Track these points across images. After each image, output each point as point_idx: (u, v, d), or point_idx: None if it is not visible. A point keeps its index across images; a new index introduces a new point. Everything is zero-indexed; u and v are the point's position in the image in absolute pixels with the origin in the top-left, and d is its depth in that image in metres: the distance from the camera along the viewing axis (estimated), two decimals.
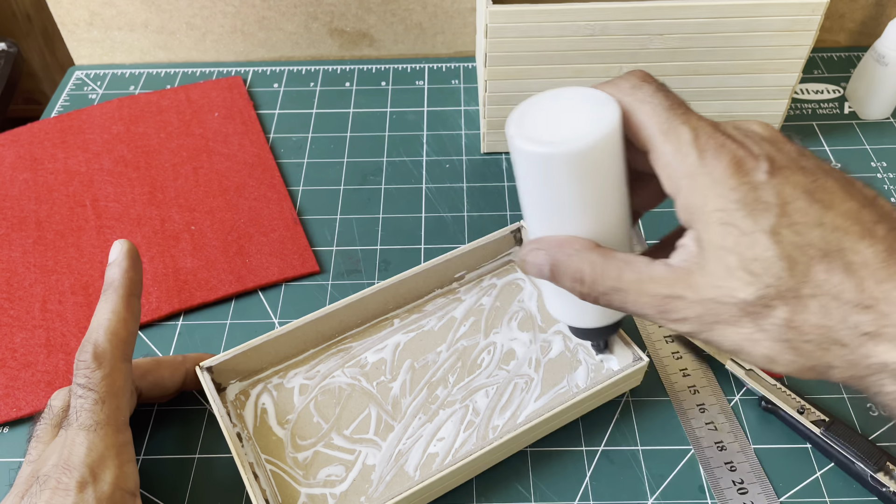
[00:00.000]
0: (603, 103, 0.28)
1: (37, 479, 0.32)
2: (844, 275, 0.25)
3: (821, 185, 0.26)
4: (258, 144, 0.57)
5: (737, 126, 0.29)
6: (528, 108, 0.30)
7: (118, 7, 0.63)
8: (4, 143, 0.58)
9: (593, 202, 0.29)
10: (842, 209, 0.26)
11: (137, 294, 0.37)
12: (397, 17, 0.65)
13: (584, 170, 0.28)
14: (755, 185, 0.26)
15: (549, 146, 0.28)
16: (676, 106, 0.28)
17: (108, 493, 0.32)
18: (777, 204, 0.26)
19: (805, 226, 0.26)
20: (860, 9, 0.64)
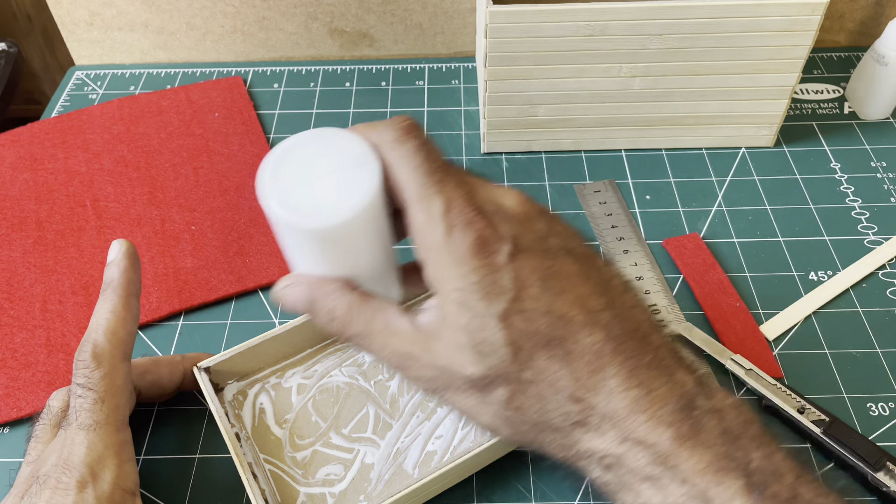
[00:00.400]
0: (364, 163, 0.27)
1: (36, 479, 0.32)
2: (562, 364, 0.26)
3: (558, 270, 0.27)
4: (258, 144, 0.57)
5: (492, 198, 0.28)
6: (283, 157, 0.27)
7: (118, 7, 0.63)
8: (5, 143, 0.58)
9: (353, 259, 0.29)
10: (572, 295, 0.27)
11: (136, 294, 0.37)
12: (397, 18, 0.65)
13: (341, 238, 0.27)
14: (494, 268, 0.26)
15: (304, 217, 0.26)
16: (435, 171, 0.27)
17: (107, 493, 0.32)
18: (512, 289, 0.26)
19: (534, 312, 0.26)
20: (860, 9, 0.64)
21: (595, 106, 0.53)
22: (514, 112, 0.53)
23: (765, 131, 0.55)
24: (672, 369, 0.26)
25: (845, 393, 0.42)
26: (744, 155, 0.56)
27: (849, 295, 0.47)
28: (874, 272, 0.48)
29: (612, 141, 0.56)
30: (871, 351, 0.43)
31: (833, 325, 0.45)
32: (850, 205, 0.52)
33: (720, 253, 0.49)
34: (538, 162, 0.56)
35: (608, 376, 0.26)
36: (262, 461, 0.39)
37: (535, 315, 0.26)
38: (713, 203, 0.52)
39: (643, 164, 0.55)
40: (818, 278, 0.47)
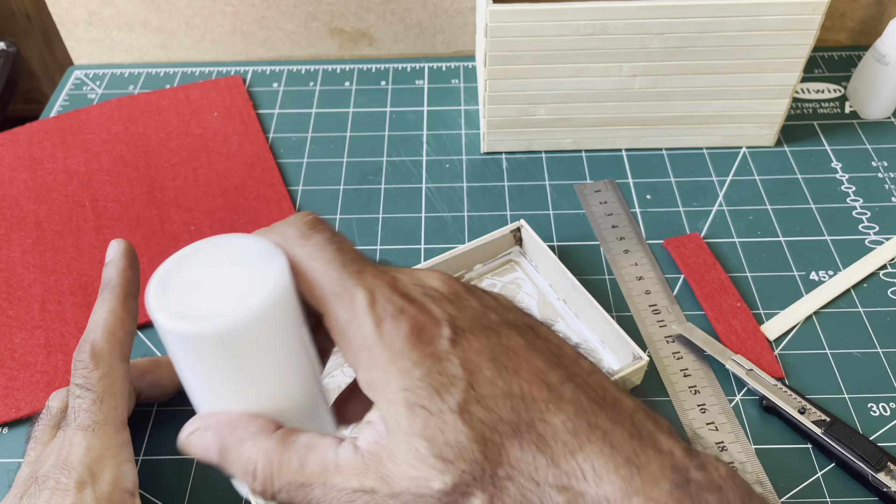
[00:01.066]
0: (267, 259, 0.24)
1: (35, 480, 0.32)
2: (537, 450, 0.23)
3: (506, 347, 0.24)
4: (258, 144, 0.57)
5: (417, 282, 0.25)
6: (175, 267, 0.24)
7: (117, 7, 0.63)
8: (3, 142, 0.57)
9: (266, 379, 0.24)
10: (528, 372, 0.24)
11: (135, 294, 0.37)
12: (397, 17, 0.64)
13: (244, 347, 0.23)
14: (438, 357, 0.23)
15: (194, 323, 0.22)
16: (350, 262, 0.25)
17: (106, 493, 0.32)
18: (463, 377, 0.23)
19: (494, 399, 0.23)
20: (861, 8, 0.63)
21: (595, 105, 0.53)
22: (513, 111, 0.53)
23: (766, 131, 0.55)
24: (654, 437, 0.24)
25: (846, 393, 0.41)
26: (744, 154, 0.56)
27: (850, 295, 0.46)
28: (875, 272, 0.48)
29: (613, 140, 0.56)
30: (872, 351, 0.43)
31: (834, 326, 0.45)
32: (851, 204, 0.52)
33: (721, 253, 0.49)
34: (538, 161, 0.56)
35: (590, 455, 0.23)
36: None
37: (496, 400, 0.23)
38: (714, 203, 0.52)
39: (644, 163, 0.55)
40: (819, 278, 0.47)
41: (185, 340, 0.23)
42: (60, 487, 0.31)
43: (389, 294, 0.24)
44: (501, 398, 0.23)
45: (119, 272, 0.36)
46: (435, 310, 0.24)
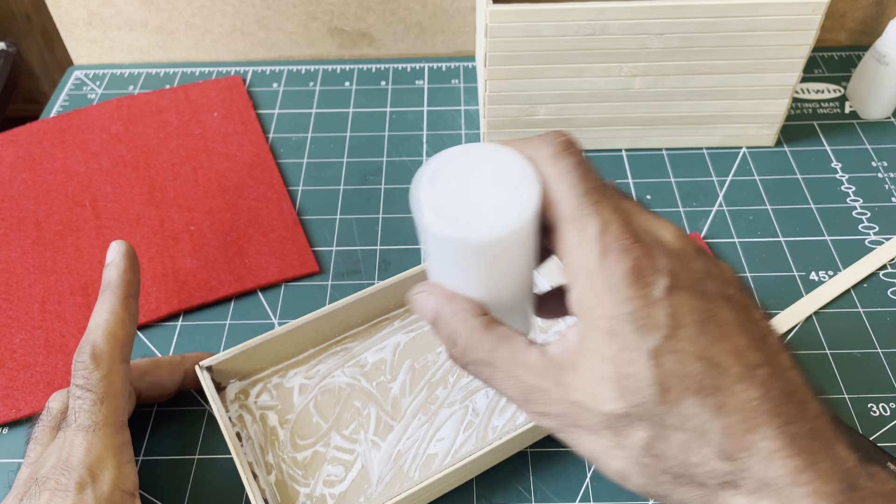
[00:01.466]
0: (524, 180, 0.26)
1: (35, 481, 0.32)
2: (713, 415, 0.24)
3: (715, 315, 0.25)
4: (258, 144, 0.57)
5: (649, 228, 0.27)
6: (441, 168, 0.27)
7: (117, 7, 0.63)
8: (3, 142, 0.57)
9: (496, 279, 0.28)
10: (729, 344, 0.25)
11: (135, 295, 0.37)
12: (397, 17, 0.64)
13: (493, 255, 0.26)
14: (650, 301, 0.25)
15: (460, 230, 0.25)
16: (592, 191, 0.26)
17: (107, 494, 0.32)
18: (667, 325, 0.25)
19: (688, 355, 0.24)
20: (861, 8, 0.63)
21: (595, 106, 0.53)
22: (513, 112, 0.53)
23: (766, 131, 0.55)
24: (832, 443, 0.24)
25: (846, 393, 0.42)
26: (744, 155, 0.56)
27: (850, 295, 0.46)
28: (875, 272, 0.48)
29: (613, 141, 0.56)
30: (872, 351, 0.43)
31: (834, 326, 0.45)
32: (851, 205, 0.52)
33: (721, 253, 0.49)
34: None
35: (765, 437, 0.24)
36: (263, 461, 0.39)
37: (689, 358, 0.24)
38: (714, 203, 0.52)
39: (644, 163, 0.55)
40: (819, 278, 0.47)
41: (444, 240, 0.26)
42: (61, 488, 0.31)
43: (620, 230, 0.25)
44: (695, 358, 0.24)
45: (119, 273, 0.36)
46: (660, 259, 0.25)
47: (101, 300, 0.36)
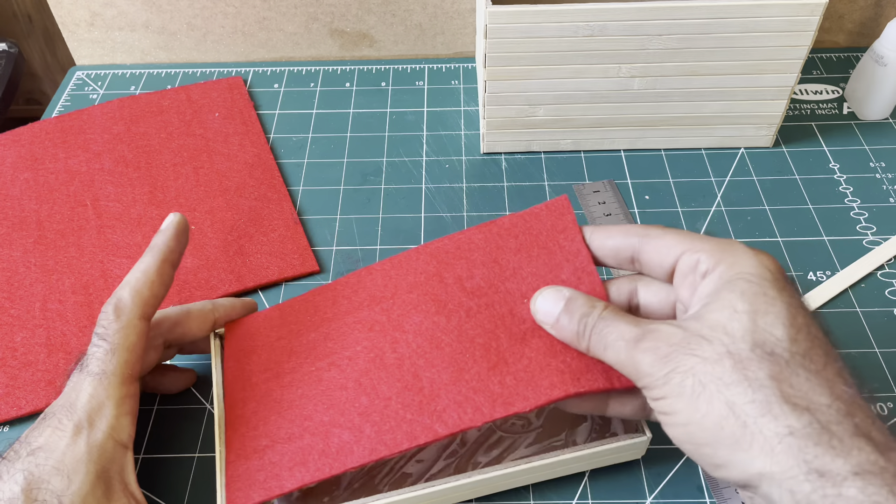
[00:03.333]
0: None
1: (44, 416, 0.34)
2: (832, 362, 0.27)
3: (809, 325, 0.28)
4: (258, 144, 0.58)
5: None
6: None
7: (119, 7, 0.64)
8: (5, 143, 0.58)
9: None
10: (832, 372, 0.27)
11: (172, 262, 0.38)
12: (397, 18, 0.65)
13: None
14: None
15: None
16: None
17: (99, 441, 0.33)
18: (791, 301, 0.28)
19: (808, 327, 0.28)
20: (859, 9, 0.64)
21: (594, 106, 0.53)
22: (513, 112, 0.54)
23: (764, 132, 0.55)
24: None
25: None
26: (743, 155, 0.56)
27: (847, 295, 0.47)
28: (873, 272, 0.48)
29: (612, 141, 0.56)
30: (869, 351, 0.44)
31: (832, 326, 0.45)
32: (848, 205, 0.52)
33: None
34: (537, 162, 0.56)
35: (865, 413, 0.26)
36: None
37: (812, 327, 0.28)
38: (712, 203, 0.53)
39: (642, 164, 0.55)
40: (817, 278, 0.48)
41: None
42: (60, 428, 0.33)
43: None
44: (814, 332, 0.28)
45: (164, 240, 0.39)
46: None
47: (141, 260, 0.38)
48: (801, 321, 0.28)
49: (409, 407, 0.34)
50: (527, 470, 0.36)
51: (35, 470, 0.31)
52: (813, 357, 0.27)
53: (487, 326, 0.35)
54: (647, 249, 0.33)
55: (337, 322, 0.39)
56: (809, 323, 0.28)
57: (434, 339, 0.36)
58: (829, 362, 0.27)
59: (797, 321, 0.28)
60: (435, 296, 0.37)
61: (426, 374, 0.35)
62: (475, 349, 0.35)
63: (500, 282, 0.37)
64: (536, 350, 0.34)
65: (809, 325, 0.28)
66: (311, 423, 0.35)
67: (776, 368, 0.26)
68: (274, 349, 0.39)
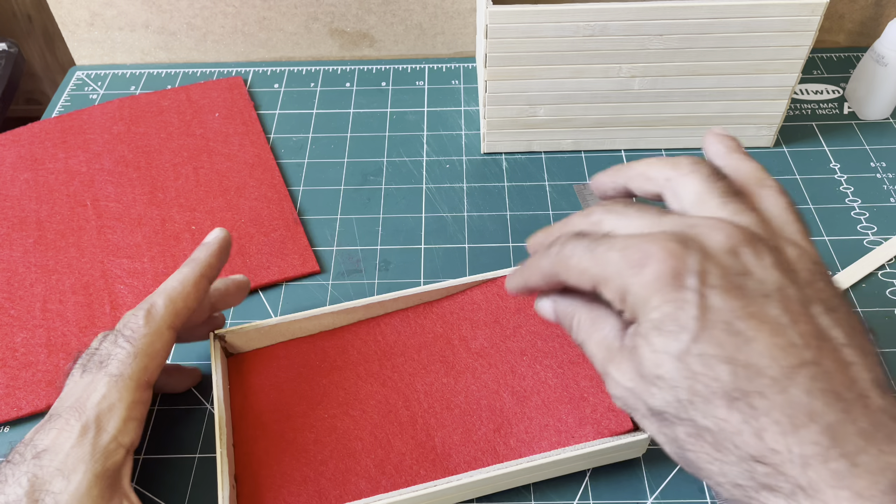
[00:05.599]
0: None
1: (49, 417, 0.33)
2: (744, 418, 0.24)
3: (754, 314, 0.25)
4: (258, 144, 0.57)
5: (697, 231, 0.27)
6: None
7: (119, 7, 0.64)
8: (5, 143, 0.58)
9: None
10: (763, 345, 0.24)
11: (209, 277, 0.38)
12: (397, 18, 0.65)
13: None
14: (679, 304, 0.25)
15: None
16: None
17: (103, 444, 0.32)
18: (693, 329, 0.25)
19: (715, 358, 0.25)
20: (860, 9, 0.64)
21: (595, 106, 0.53)
22: (513, 112, 0.53)
23: (764, 131, 0.55)
24: (893, 438, 0.23)
25: None
26: None
27: (848, 295, 0.47)
28: (873, 272, 0.48)
29: (612, 141, 0.56)
30: None
31: None
32: (849, 205, 0.52)
33: None
34: (538, 162, 0.56)
35: (805, 442, 0.23)
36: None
37: (716, 361, 0.25)
38: None
39: None
40: None
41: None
42: (67, 428, 0.32)
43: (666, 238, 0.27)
44: (722, 361, 0.25)
45: (207, 255, 0.38)
46: (690, 260, 0.26)
47: (180, 270, 0.38)
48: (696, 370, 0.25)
49: (423, 463, 0.37)
50: (527, 469, 0.36)
51: (39, 472, 0.31)
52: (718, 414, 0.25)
53: (492, 387, 0.39)
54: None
55: (348, 372, 0.41)
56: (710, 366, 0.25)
57: (445, 401, 0.39)
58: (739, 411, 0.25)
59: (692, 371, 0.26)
60: (444, 357, 0.41)
61: (438, 433, 0.38)
62: (481, 411, 0.38)
63: (501, 340, 0.41)
64: (535, 408, 0.38)
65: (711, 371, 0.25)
66: (326, 468, 0.37)
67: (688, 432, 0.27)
68: (283, 391, 0.40)
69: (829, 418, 0.23)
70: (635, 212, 0.30)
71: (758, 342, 0.25)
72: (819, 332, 0.25)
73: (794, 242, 0.28)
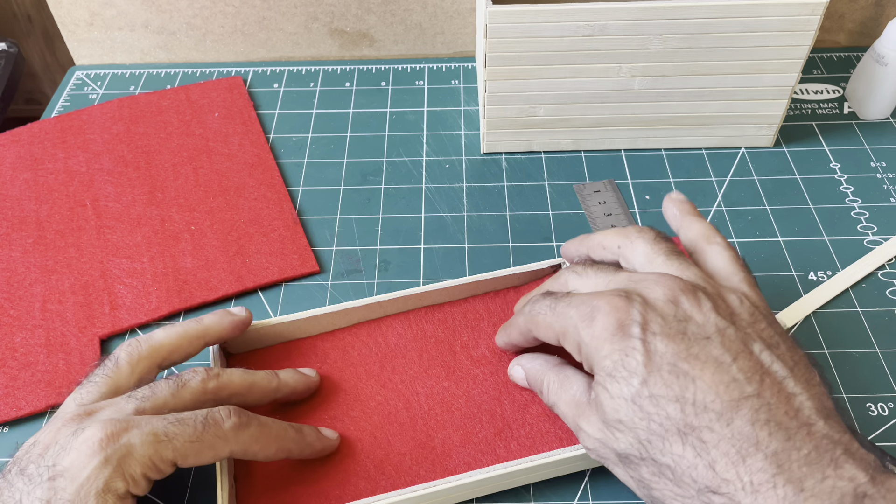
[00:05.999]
0: None
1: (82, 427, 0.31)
2: (697, 452, 0.26)
3: (696, 354, 0.27)
4: (258, 144, 0.57)
5: (640, 287, 0.30)
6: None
7: (118, 7, 0.64)
8: (5, 143, 0.58)
9: None
10: (707, 382, 0.27)
11: (206, 342, 0.38)
12: (397, 18, 0.65)
13: None
14: (627, 352, 0.28)
15: None
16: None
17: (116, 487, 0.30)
18: (642, 373, 0.28)
19: (664, 398, 0.27)
20: (860, 9, 0.64)
21: (595, 106, 0.53)
22: (513, 112, 0.53)
23: (764, 131, 0.55)
24: (838, 462, 0.25)
25: (844, 393, 0.42)
26: (743, 155, 0.56)
27: (848, 295, 0.47)
28: (874, 272, 0.48)
29: (612, 141, 0.56)
30: (870, 351, 0.43)
31: (832, 326, 0.45)
32: (849, 205, 0.52)
33: None
34: (538, 162, 0.56)
35: (753, 470, 0.25)
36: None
37: (665, 401, 0.27)
38: (713, 203, 0.52)
39: (643, 164, 0.55)
40: (817, 278, 0.47)
41: None
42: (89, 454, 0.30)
43: (611, 294, 0.30)
44: (671, 400, 0.27)
45: (217, 323, 0.38)
46: (634, 312, 0.29)
47: (190, 321, 0.38)
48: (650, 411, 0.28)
49: (422, 464, 0.37)
50: (526, 470, 0.36)
51: (53, 498, 0.29)
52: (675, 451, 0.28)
53: (493, 393, 0.39)
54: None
55: (348, 373, 0.41)
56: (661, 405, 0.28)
57: (445, 403, 0.39)
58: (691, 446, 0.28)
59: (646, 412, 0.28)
60: (444, 362, 0.41)
61: (438, 434, 0.38)
62: (482, 414, 0.39)
63: (502, 351, 0.41)
64: (536, 416, 0.38)
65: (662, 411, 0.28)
66: (326, 468, 0.37)
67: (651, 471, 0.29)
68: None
69: (773, 446, 0.25)
70: (593, 272, 0.33)
71: (702, 380, 0.27)
72: (760, 366, 0.27)
73: (737, 290, 0.31)
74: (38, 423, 0.42)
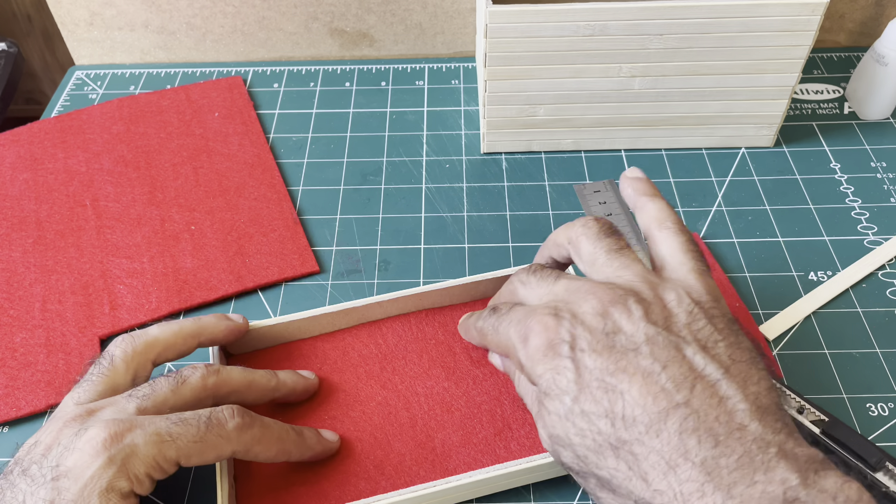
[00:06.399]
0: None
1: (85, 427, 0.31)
2: (629, 465, 0.26)
3: (624, 368, 0.27)
4: (258, 144, 0.57)
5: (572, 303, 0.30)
6: None
7: (118, 7, 0.64)
8: (4, 142, 0.58)
9: None
10: (635, 395, 0.27)
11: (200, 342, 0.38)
12: (397, 18, 0.65)
13: None
14: (557, 370, 0.29)
15: None
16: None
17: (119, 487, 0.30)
18: (572, 390, 0.28)
19: (594, 414, 0.27)
20: (860, 9, 0.64)
21: (595, 106, 0.53)
22: (513, 112, 0.53)
23: (765, 131, 0.55)
24: (770, 466, 0.24)
25: (845, 393, 0.42)
26: (744, 155, 0.56)
27: (848, 295, 0.47)
28: (874, 272, 0.48)
29: (612, 141, 0.56)
30: (870, 351, 0.43)
31: (833, 326, 0.45)
32: (849, 205, 0.52)
33: (720, 253, 0.49)
34: (538, 162, 0.56)
35: (682, 480, 0.25)
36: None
37: (596, 416, 0.27)
38: (713, 203, 0.52)
39: (643, 164, 0.55)
40: (818, 278, 0.47)
41: None
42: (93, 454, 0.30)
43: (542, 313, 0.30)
44: (601, 416, 0.27)
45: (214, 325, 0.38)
46: (562, 330, 0.29)
47: (188, 319, 0.38)
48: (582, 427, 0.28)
49: (422, 464, 0.37)
50: (526, 470, 0.36)
51: (56, 498, 0.29)
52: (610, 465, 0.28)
53: (493, 394, 0.40)
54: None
55: (348, 374, 0.41)
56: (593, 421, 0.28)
57: (445, 404, 0.39)
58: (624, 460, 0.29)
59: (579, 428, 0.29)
60: (444, 363, 0.41)
61: (438, 435, 0.38)
62: (482, 415, 0.39)
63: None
64: None
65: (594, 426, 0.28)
66: (326, 469, 0.37)
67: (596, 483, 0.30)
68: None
69: (702, 454, 0.25)
70: (535, 281, 0.34)
71: (629, 393, 0.27)
72: (692, 372, 0.27)
73: (680, 284, 0.30)
74: (38, 422, 0.42)
